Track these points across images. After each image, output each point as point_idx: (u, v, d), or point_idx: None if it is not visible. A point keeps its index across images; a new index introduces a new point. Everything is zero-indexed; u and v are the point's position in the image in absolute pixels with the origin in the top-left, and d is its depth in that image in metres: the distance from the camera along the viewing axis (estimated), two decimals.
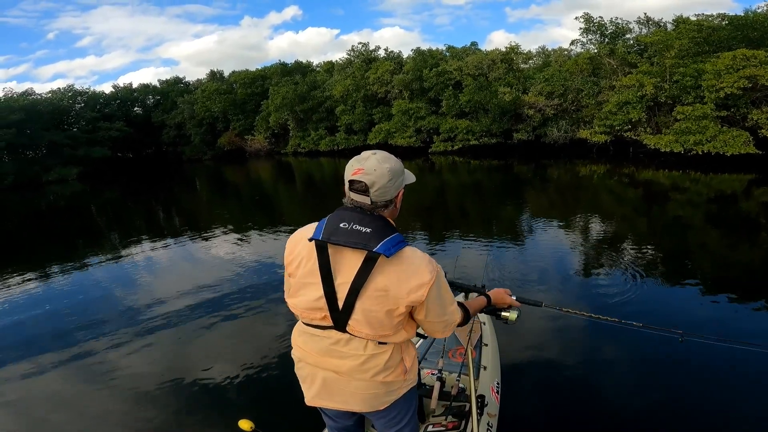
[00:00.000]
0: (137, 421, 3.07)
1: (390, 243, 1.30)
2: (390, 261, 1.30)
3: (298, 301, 1.44)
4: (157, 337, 4.39)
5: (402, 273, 1.33)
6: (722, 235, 7.15)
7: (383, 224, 1.34)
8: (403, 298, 1.33)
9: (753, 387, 3.01)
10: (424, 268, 1.34)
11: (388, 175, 1.33)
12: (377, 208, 1.36)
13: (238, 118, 34.71)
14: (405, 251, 1.34)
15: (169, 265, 7.28)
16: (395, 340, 1.42)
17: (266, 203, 14.38)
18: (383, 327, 1.37)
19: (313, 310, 1.41)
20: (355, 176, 1.33)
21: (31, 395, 3.53)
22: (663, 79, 16.59)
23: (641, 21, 21.57)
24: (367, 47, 30.36)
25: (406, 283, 1.32)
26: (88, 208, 17.96)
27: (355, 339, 1.40)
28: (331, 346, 1.43)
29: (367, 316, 1.35)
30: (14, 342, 4.58)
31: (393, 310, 1.34)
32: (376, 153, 1.37)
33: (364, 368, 1.41)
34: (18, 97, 32.00)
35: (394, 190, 1.38)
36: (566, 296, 4.79)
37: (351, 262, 1.34)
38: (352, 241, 1.30)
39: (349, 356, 1.41)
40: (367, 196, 1.33)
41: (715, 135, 14.45)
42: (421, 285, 1.33)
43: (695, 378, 3.17)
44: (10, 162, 29.37)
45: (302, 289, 1.42)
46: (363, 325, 1.37)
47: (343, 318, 1.37)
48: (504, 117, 21.56)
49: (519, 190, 13.23)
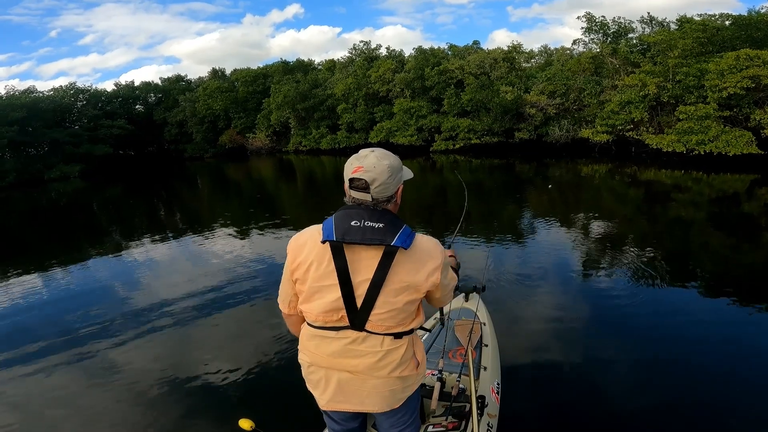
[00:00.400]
0: (137, 419, 3.07)
1: (404, 235, 1.34)
2: (407, 252, 1.34)
3: (314, 305, 1.42)
4: (158, 335, 4.39)
5: (419, 261, 1.38)
6: (724, 235, 7.13)
7: (393, 218, 1.37)
8: (423, 283, 1.39)
9: (753, 387, 3.00)
10: (435, 251, 1.41)
11: (387, 172, 1.35)
12: (379, 204, 1.37)
13: (239, 116, 34.71)
14: (417, 240, 1.39)
15: (171, 263, 7.29)
16: (413, 326, 1.47)
17: (268, 201, 14.38)
18: (405, 316, 1.42)
19: (331, 312, 1.40)
20: (356, 174, 1.34)
21: (30, 392, 3.53)
22: (666, 78, 16.52)
23: (644, 20, 21.52)
24: (368, 46, 30.35)
25: (424, 269, 1.38)
26: (89, 206, 17.99)
27: (372, 336, 1.42)
28: (347, 346, 1.43)
29: (390, 308, 1.38)
30: (14, 339, 4.59)
31: (414, 299, 1.40)
32: (375, 150, 1.39)
33: (381, 365, 1.43)
34: (20, 95, 32.01)
35: (394, 186, 1.39)
36: (566, 296, 4.78)
37: (369, 259, 1.35)
38: (368, 238, 1.32)
39: (365, 354, 1.43)
40: (368, 193, 1.34)
41: (717, 135, 14.39)
42: (436, 268, 1.40)
43: (695, 378, 3.16)
44: (12, 159, 29.38)
45: (317, 293, 1.41)
46: (385, 319, 1.39)
47: (361, 316, 1.39)
48: (506, 116, 21.52)
49: (520, 189, 13.21)
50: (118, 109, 38.31)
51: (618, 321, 4.15)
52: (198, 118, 35.87)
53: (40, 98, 33.18)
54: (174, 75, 42.83)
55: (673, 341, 3.68)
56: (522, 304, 4.58)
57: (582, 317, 4.24)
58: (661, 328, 3.90)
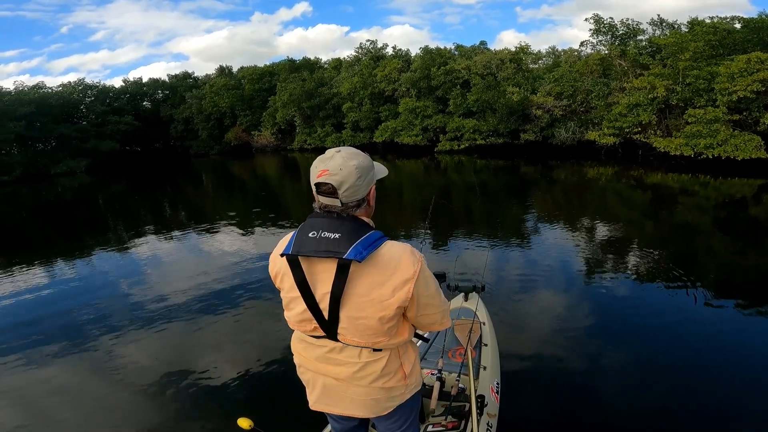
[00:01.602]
0: (136, 415, 3.07)
1: (362, 245, 1.22)
2: (366, 264, 1.23)
3: (291, 314, 1.41)
4: (158, 331, 4.39)
5: (382, 273, 1.25)
6: (731, 240, 7.04)
7: (354, 226, 1.26)
8: (390, 299, 1.25)
9: (753, 389, 2.96)
10: (405, 262, 1.26)
11: (356, 173, 1.25)
12: (349, 209, 1.29)
13: (245, 114, 34.83)
14: (381, 249, 1.25)
15: (174, 260, 7.31)
16: (391, 345, 1.36)
17: (272, 199, 14.40)
18: (375, 334, 1.31)
19: (303, 322, 1.37)
20: (321, 178, 1.25)
21: (30, 385, 3.55)
22: (675, 81, 16.37)
23: (654, 22, 21.32)
24: (375, 45, 30.35)
25: (389, 282, 1.25)
26: (95, 200, 18.11)
27: (349, 347, 1.35)
28: (327, 354, 1.39)
29: (354, 324, 1.29)
30: (19, 333, 4.62)
31: (383, 315, 1.27)
32: (341, 150, 1.29)
33: (360, 375, 1.37)
34: (29, 91, 32.32)
35: (365, 188, 1.30)
36: (567, 296, 4.74)
37: (325, 272, 1.27)
38: (322, 251, 1.23)
39: (344, 364, 1.38)
40: (336, 198, 1.26)
41: (726, 139, 14.24)
42: (405, 281, 1.25)
43: (696, 379, 3.13)
44: (20, 154, 29.69)
45: (290, 303, 1.38)
46: (352, 334, 1.32)
47: (332, 327, 1.32)
48: (511, 117, 21.42)
49: (524, 190, 13.14)
50: (125, 105, 38.56)
51: (619, 322, 4.12)
52: (204, 115, 36.05)
53: (49, 94, 33.50)
54: (182, 72, 43.12)
55: (673, 342, 3.65)
56: (522, 304, 4.56)
57: (582, 318, 4.20)
58: (662, 329, 3.86)
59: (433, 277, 1.36)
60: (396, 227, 8.18)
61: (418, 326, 1.42)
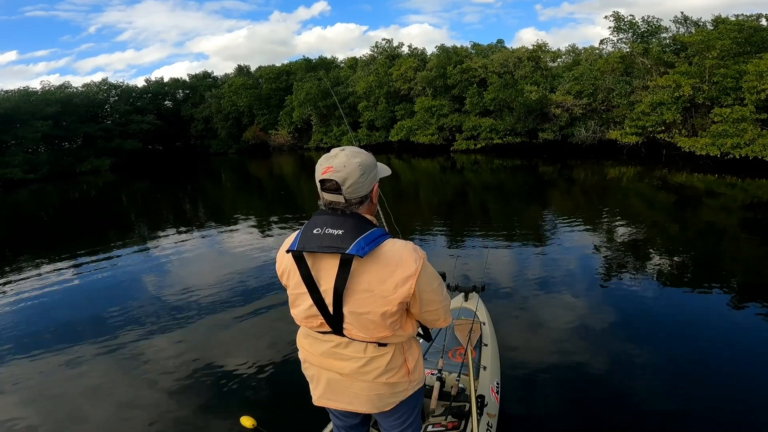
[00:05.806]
0: (136, 411, 3.11)
1: (364, 241, 1.26)
2: (368, 260, 1.27)
3: (297, 311, 1.45)
4: (168, 330, 4.48)
5: (383, 270, 1.29)
6: (758, 243, 6.76)
7: (357, 223, 1.30)
8: (392, 295, 1.29)
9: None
10: (407, 259, 1.29)
11: (359, 171, 1.30)
12: (352, 205, 1.33)
13: (262, 113, 35.28)
14: (384, 246, 1.29)
15: (193, 258, 7.45)
16: (395, 341, 1.40)
17: (290, 198, 14.55)
18: (378, 329, 1.34)
19: (310, 318, 1.41)
20: (325, 175, 1.30)
21: (48, 380, 3.65)
22: (702, 79, 15.85)
23: (678, 20, 20.68)
24: (390, 44, 30.32)
25: (391, 278, 1.29)
26: (119, 199, 18.62)
27: (354, 342, 1.39)
28: (332, 349, 1.43)
29: (358, 319, 1.33)
30: (40, 329, 4.77)
31: (386, 311, 1.31)
32: (345, 149, 1.35)
33: (366, 370, 1.40)
34: (55, 90, 33.44)
35: (368, 185, 1.35)
36: (571, 299, 4.62)
37: (329, 268, 1.31)
38: (325, 246, 1.27)
39: (350, 359, 1.41)
40: (340, 194, 1.30)
41: (753, 138, 13.70)
42: (407, 277, 1.29)
43: (696, 380, 3.06)
44: (46, 153, 30.73)
45: (297, 299, 1.43)
46: (356, 329, 1.35)
47: (338, 322, 1.36)
48: (529, 116, 21.09)
49: (542, 190, 12.92)
50: (147, 104, 39.56)
51: (620, 322, 4.02)
52: (223, 115, 36.67)
53: (74, 93, 34.61)
54: (201, 71, 43.93)
55: (680, 345, 3.55)
56: (522, 304, 4.49)
57: (582, 318, 4.11)
58: (670, 332, 3.78)
59: (437, 275, 1.40)
60: (406, 225, 8.14)
61: (423, 322, 1.47)
